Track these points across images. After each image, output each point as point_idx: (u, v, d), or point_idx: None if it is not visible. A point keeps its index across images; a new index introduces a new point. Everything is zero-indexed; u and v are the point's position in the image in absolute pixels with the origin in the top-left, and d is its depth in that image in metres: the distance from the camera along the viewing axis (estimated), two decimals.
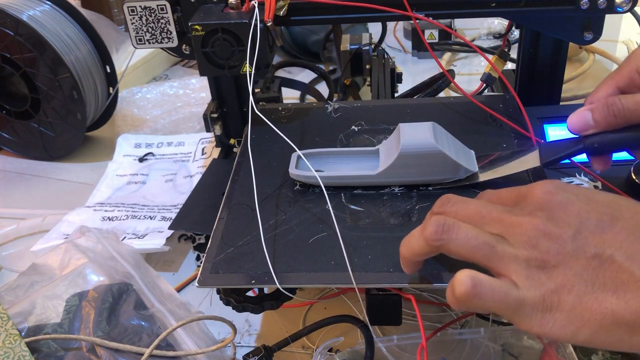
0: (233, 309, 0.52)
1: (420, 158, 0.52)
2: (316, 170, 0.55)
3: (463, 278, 0.36)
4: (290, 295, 0.50)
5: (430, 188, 0.54)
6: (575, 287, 0.34)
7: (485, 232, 0.37)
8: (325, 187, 0.53)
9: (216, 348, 0.51)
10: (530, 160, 0.52)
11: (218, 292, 0.53)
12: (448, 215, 0.39)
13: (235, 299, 0.52)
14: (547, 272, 0.35)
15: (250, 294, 0.54)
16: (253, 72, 0.59)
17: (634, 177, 0.56)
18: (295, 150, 0.56)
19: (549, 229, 0.35)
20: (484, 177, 0.53)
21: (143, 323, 0.51)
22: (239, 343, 0.62)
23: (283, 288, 0.48)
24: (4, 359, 0.46)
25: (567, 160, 0.51)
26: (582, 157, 0.55)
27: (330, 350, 0.55)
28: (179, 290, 0.70)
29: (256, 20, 0.59)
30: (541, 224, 0.36)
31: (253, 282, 0.47)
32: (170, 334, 0.50)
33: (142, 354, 0.48)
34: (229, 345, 0.53)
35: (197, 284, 0.48)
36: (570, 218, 0.35)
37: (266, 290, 0.54)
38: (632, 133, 0.45)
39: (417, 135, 0.52)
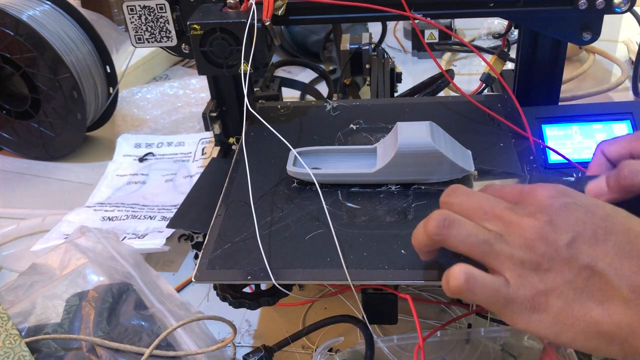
0: (229, 304, 0.53)
1: (417, 157, 0.52)
2: (314, 168, 0.55)
3: (458, 273, 0.38)
4: (286, 291, 0.50)
5: (425, 187, 0.54)
6: (564, 293, 0.36)
7: (485, 230, 0.38)
8: (322, 184, 0.54)
9: (216, 348, 0.51)
10: None
11: (215, 287, 0.53)
12: (452, 206, 0.41)
13: (232, 294, 0.52)
14: (539, 275, 0.36)
15: (247, 290, 0.54)
16: (249, 71, 0.59)
17: None
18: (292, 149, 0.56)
19: (547, 233, 0.36)
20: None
21: (143, 323, 0.51)
22: (239, 343, 0.62)
23: (279, 284, 0.48)
24: (4, 359, 0.46)
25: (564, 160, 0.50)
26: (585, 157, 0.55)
27: (330, 350, 0.55)
28: (179, 290, 0.70)
29: (253, 19, 0.59)
30: (539, 226, 0.37)
31: (249, 277, 0.48)
32: (170, 334, 0.50)
33: (142, 354, 0.48)
34: (229, 345, 0.53)
35: (193, 279, 0.48)
36: (568, 225, 0.36)
37: (263, 287, 0.54)
38: None
39: (414, 134, 0.52)
